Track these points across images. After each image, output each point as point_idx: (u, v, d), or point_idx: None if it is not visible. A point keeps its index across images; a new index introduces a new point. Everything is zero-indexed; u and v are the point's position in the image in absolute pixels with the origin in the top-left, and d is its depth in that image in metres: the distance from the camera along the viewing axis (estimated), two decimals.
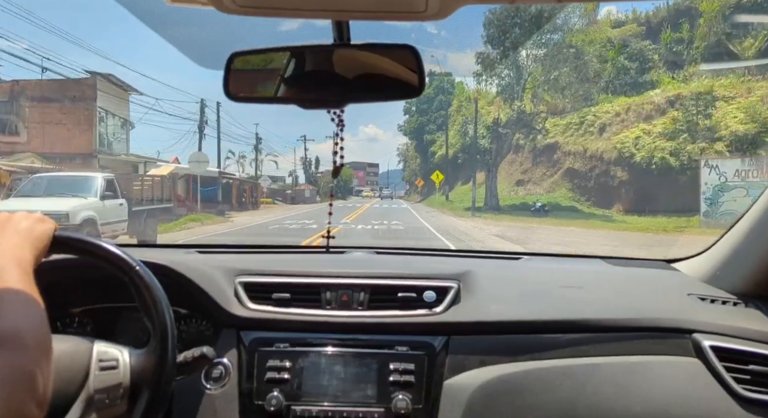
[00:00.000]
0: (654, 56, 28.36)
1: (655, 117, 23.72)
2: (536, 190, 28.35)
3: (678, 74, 26.07)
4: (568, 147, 27.65)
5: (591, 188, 25.01)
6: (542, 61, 26.26)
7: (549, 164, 29.08)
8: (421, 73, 0.98)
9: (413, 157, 61.04)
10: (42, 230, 0.90)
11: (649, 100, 24.95)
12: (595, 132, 26.45)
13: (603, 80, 26.82)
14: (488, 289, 1.41)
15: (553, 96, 26.77)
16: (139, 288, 1.00)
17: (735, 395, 1.19)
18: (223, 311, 1.33)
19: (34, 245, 0.86)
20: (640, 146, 22.45)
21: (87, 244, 1.00)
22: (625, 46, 28.28)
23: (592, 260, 1.82)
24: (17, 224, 0.87)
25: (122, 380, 0.96)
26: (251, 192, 35.18)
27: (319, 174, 60.32)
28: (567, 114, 28.08)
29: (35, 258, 0.85)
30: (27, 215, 0.91)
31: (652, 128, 23.08)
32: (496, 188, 27.26)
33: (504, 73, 27.82)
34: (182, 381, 1.19)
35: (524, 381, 1.24)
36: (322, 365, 1.27)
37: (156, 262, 1.27)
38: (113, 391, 0.94)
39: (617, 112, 25.98)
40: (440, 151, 44.18)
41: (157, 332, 0.99)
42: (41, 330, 0.72)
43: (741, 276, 1.40)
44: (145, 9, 0.99)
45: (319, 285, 1.38)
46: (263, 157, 50.08)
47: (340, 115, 1.17)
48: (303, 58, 1.03)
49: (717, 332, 1.27)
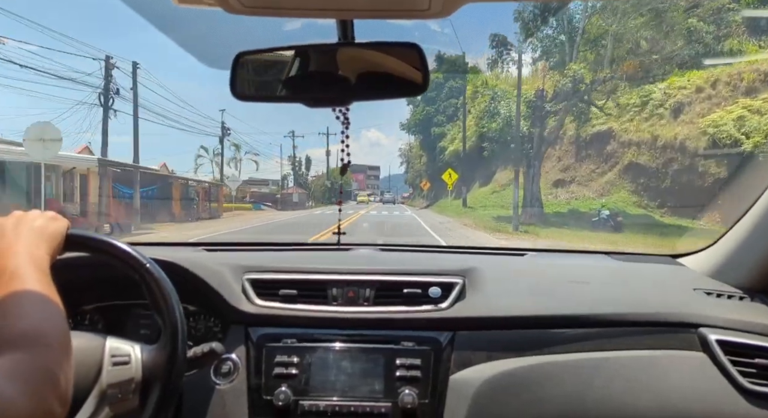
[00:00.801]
0: (735, 18, 19.30)
1: (763, 90, 16.40)
2: (583, 193, 21.84)
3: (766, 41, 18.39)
4: (627, 135, 20.64)
5: (667, 190, 18.08)
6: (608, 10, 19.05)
7: (600, 158, 22.19)
8: (426, 71, 0.99)
9: (417, 156, 54.23)
10: (55, 228, 0.91)
11: (751, 68, 17.43)
12: (667, 114, 19.41)
13: (670, 49, 18.83)
14: (493, 284, 1.42)
15: (626, 55, 19.17)
16: (149, 285, 1.02)
17: (741, 388, 1.19)
18: (231, 308, 1.35)
19: (49, 243, 0.87)
20: (747, 130, 15.12)
21: (99, 242, 1.02)
22: (696, 4, 19.26)
23: (597, 256, 1.82)
24: (31, 223, 0.88)
25: (134, 374, 0.98)
26: (206, 196, 27.96)
27: (312, 177, 54.46)
28: (635, 84, 19.84)
29: (51, 257, 0.86)
30: (40, 213, 0.93)
31: (762, 105, 15.58)
32: (539, 190, 19.88)
33: (548, 35, 20.87)
34: (192, 377, 1.21)
35: (530, 376, 1.25)
36: (330, 361, 1.28)
37: (165, 259, 1.28)
38: (125, 385, 0.96)
39: (699, 86, 18.77)
40: (452, 146, 36.60)
41: (168, 327, 1.01)
42: (62, 329, 0.73)
43: (746, 270, 1.40)
44: (154, 11, 1.01)
45: (326, 281, 1.40)
46: (241, 156, 45.55)
47: (345, 113, 1.18)
48: (308, 57, 1.04)
49: (723, 326, 1.28)
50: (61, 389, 0.66)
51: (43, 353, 0.67)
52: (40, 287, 0.76)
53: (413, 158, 57.74)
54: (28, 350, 0.66)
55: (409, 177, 61.57)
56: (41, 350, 0.67)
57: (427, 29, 50.88)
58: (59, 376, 0.66)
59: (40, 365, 0.65)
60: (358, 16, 0.82)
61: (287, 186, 49.91)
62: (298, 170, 52.58)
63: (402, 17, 0.76)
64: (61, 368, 0.67)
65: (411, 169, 59.33)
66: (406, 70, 0.99)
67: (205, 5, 0.70)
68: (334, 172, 50.57)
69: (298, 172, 52.31)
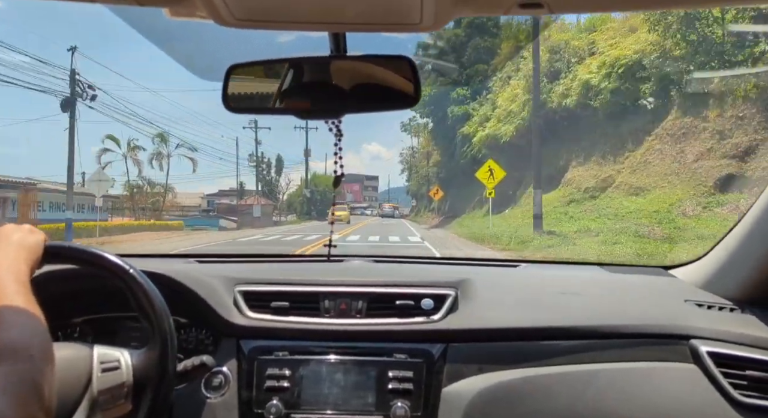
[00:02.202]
0: None
1: None
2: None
3: None
4: None
5: None
6: None
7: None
8: (417, 83, 1.00)
9: (424, 155, 40.77)
10: (34, 241, 0.91)
11: None
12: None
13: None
14: (486, 296, 1.42)
15: None
16: (134, 291, 1.01)
17: (732, 400, 1.19)
18: (222, 320, 1.34)
19: (28, 256, 0.88)
20: None
21: (79, 252, 1.01)
22: None
23: (589, 267, 1.82)
24: (9, 237, 0.88)
25: (125, 379, 0.97)
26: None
27: (285, 183, 41.21)
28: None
29: (30, 269, 0.86)
30: (17, 226, 0.93)
31: None
32: None
33: None
34: (182, 390, 1.20)
35: (523, 388, 1.24)
36: (322, 373, 1.27)
37: (155, 271, 1.27)
38: (117, 391, 0.96)
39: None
40: (484, 130, 23.14)
41: (156, 331, 1.00)
42: (43, 340, 0.73)
43: (737, 282, 1.41)
44: (148, 24, 1.01)
45: (318, 293, 1.39)
46: (170, 151, 30.87)
47: (338, 125, 1.19)
48: (300, 70, 1.05)
49: (714, 337, 1.28)
50: (46, 400, 0.66)
51: (26, 364, 0.67)
52: (21, 299, 0.76)
53: (418, 160, 45.31)
54: (12, 362, 0.66)
55: (412, 185, 48.89)
56: (24, 361, 0.67)
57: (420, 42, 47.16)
58: (43, 387, 0.67)
59: (25, 377, 0.65)
60: (350, 29, 0.83)
61: (241, 193, 36.36)
62: (264, 174, 38.48)
63: (394, 30, 0.76)
64: (45, 379, 0.68)
65: (415, 174, 47.17)
66: (398, 83, 1.00)
67: (198, 18, 0.70)
68: (318, 179, 42.03)
69: (264, 178, 38.26)
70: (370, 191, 77.56)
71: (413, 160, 48.48)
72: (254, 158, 37.35)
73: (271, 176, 40.23)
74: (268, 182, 39.11)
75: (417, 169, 45.77)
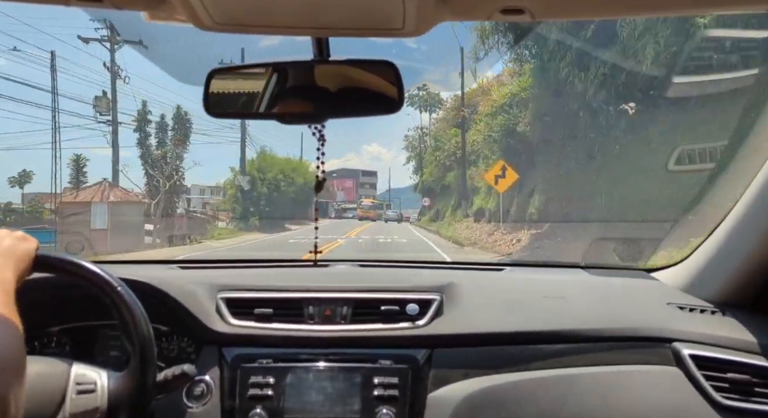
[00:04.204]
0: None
1: None
2: None
3: None
4: None
5: None
6: None
7: None
8: (401, 88, 1.00)
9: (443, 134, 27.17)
10: (25, 249, 0.88)
11: None
12: None
13: None
14: (471, 301, 1.42)
15: None
16: (119, 308, 1.00)
17: (714, 402, 1.20)
18: (204, 328, 1.32)
19: (17, 264, 0.85)
20: None
21: (69, 264, 1.00)
22: None
23: (573, 270, 1.83)
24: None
25: (99, 404, 0.95)
26: None
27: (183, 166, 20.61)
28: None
29: (18, 278, 0.84)
30: (8, 232, 0.90)
31: None
32: None
33: None
34: (163, 400, 1.17)
35: (508, 393, 1.24)
36: (306, 381, 1.26)
37: (136, 279, 1.25)
38: (89, 415, 0.93)
39: None
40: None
41: (137, 353, 0.99)
42: (16, 353, 0.71)
43: (717, 285, 1.43)
44: (128, 25, 0.99)
45: (302, 300, 1.38)
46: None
47: (321, 130, 1.18)
48: (282, 74, 1.04)
49: (696, 340, 1.29)
50: (10, 415, 0.64)
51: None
52: (2, 308, 0.74)
53: (438, 139, 28.95)
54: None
55: (426, 175, 31.14)
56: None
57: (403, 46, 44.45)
58: (9, 402, 0.64)
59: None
60: (332, 34, 0.82)
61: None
62: (142, 138, 20.73)
63: (377, 35, 0.76)
64: (13, 394, 0.65)
65: (426, 167, 31.82)
66: (382, 87, 1.00)
67: (177, 21, 0.69)
68: (266, 161, 24.91)
69: (145, 148, 20.70)
70: (367, 189, 59.96)
71: (422, 148, 34.04)
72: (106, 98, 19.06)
73: (167, 147, 21.03)
74: (155, 160, 20.43)
75: (429, 155, 30.75)
